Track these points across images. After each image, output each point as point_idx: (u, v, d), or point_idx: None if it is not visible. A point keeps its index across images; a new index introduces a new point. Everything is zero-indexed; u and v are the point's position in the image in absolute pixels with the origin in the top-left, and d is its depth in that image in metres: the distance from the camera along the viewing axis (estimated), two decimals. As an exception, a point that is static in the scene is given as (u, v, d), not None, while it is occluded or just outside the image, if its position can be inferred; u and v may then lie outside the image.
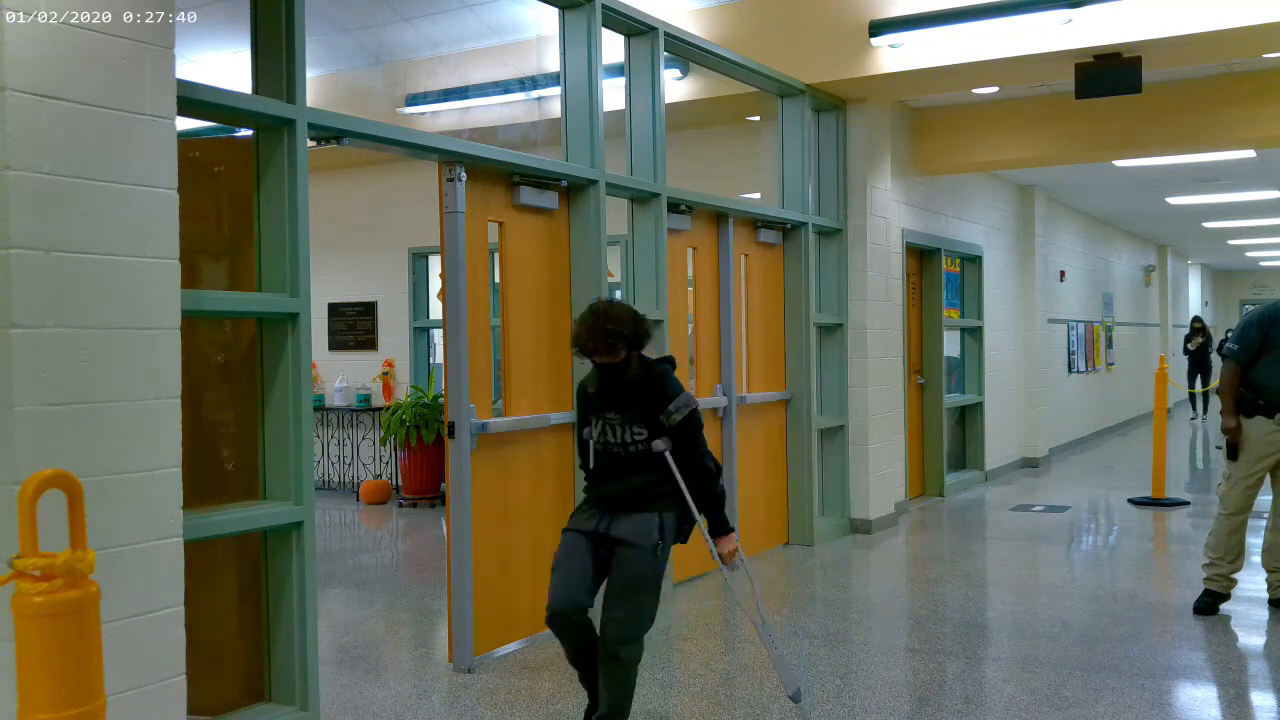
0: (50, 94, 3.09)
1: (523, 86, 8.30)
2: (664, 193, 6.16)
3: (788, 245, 7.71)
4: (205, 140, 4.44)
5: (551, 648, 5.27)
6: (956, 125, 9.51)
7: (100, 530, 3.08)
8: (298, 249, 4.02)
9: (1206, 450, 14.51)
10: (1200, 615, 5.70)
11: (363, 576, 7.32)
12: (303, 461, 4.02)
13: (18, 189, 3.02)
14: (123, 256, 3.28)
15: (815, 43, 7.37)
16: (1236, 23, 6.19)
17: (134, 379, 3.31)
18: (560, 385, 5.64)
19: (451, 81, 8.51)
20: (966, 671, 4.88)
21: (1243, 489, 5.62)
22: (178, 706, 3.44)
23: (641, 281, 6.20)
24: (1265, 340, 5.54)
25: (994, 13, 6.66)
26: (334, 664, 5.07)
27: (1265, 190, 13.33)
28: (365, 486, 10.31)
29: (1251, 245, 21.66)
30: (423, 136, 4.85)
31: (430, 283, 10.73)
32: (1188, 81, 8.51)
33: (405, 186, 10.16)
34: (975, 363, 11.09)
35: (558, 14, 5.65)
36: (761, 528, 7.46)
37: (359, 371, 11.00)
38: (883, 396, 8.43)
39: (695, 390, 6.90)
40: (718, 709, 4.39)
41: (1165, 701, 4.45)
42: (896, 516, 8.64)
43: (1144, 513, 9.15)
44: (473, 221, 5.07)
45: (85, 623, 2.57)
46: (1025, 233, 12.65)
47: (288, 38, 4.02)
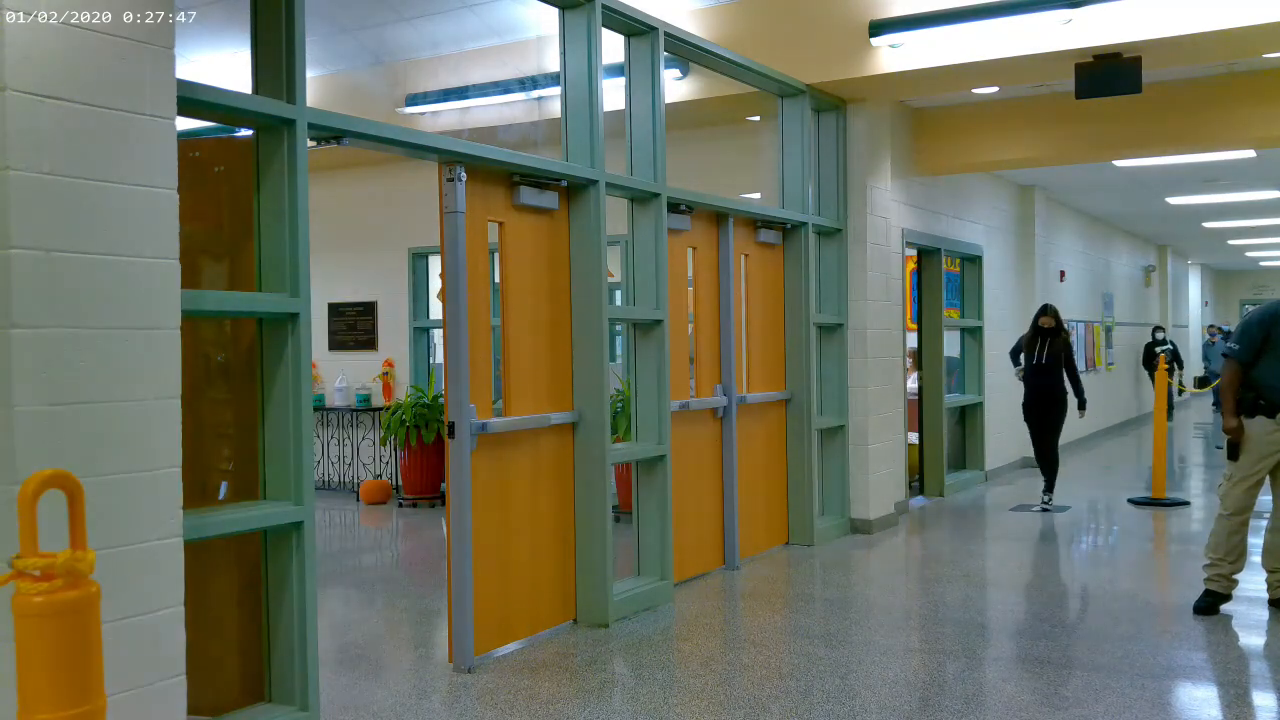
0: (50, 94, 3.09)
1: (523, 86, 8.30)
2: (664, 193, 6.16)
3: (788, 245, 7.71)
4: (205, 140, 4.44)
5: (551, 647, 5.27)
6: (956, 125, 9.51)
7: (100, 530, 3.08)
8: (298, 249, 4.02)
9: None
10: (1200, 615, 5.70)
11: (363, 576, 7.33)
12: (303, 461, 4.02)
13: (18, 189, 3.02)
14: (123, 256, 3.28)
15: (815, 43, 7.37)
16: (1236, 23, 6.19)
17: (134, 379, 3.31)
18: (560, 385, 5.64)
19: (451, 81, 8.51)
20: (966, 671, 4.88)
21: (1243, 489, 5.62)
22: (178, 706, 3.44)
23: (641, 281, 6.21)
24: (1266, 339, 5.55)
25: (994, 13, 6.66)
26: (334, 664, 5.07)
27: (1265, 190, 13.33)
28: (365, 486, 10.31)
29: (1251, 245, 21.67)
30: (423, 136, 4.85)
31: (430, 283, 10.73)
32: (1188, 81, 8.51)
33: (405, 186, 10.16)
34: (975, 363, 11.10)
35: (558, 14, 5.65)
36: (761, 528, 7.46)
37: (359, 371, 11.00)
38: (883, 396, 8.43)
39: (695, 390, 6.91)
40: (718, 709, 4.39)
41: (1165, 701, 4.45)
42: (896, 516, 8.64)
43: (1144, 513, 9.15)
44: (473, 221, 5.07)
45: (85, 623, 2.57)
46: (1025, 233, 12.65)
47: (288, 38, 4.02)
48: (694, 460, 6.72)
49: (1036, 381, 9.09)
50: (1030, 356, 9.15)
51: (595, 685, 4.73)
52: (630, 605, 5.82)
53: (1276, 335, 5.51)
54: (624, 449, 6.11)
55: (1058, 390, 9.04)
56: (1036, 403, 9.11)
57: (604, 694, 4.63)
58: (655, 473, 6.18)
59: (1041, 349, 9.05)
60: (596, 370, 5.63)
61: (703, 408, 6.82)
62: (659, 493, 6.18)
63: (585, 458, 5.65)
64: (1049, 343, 9.05)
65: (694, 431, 6.72)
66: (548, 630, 5.50)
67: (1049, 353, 9.02)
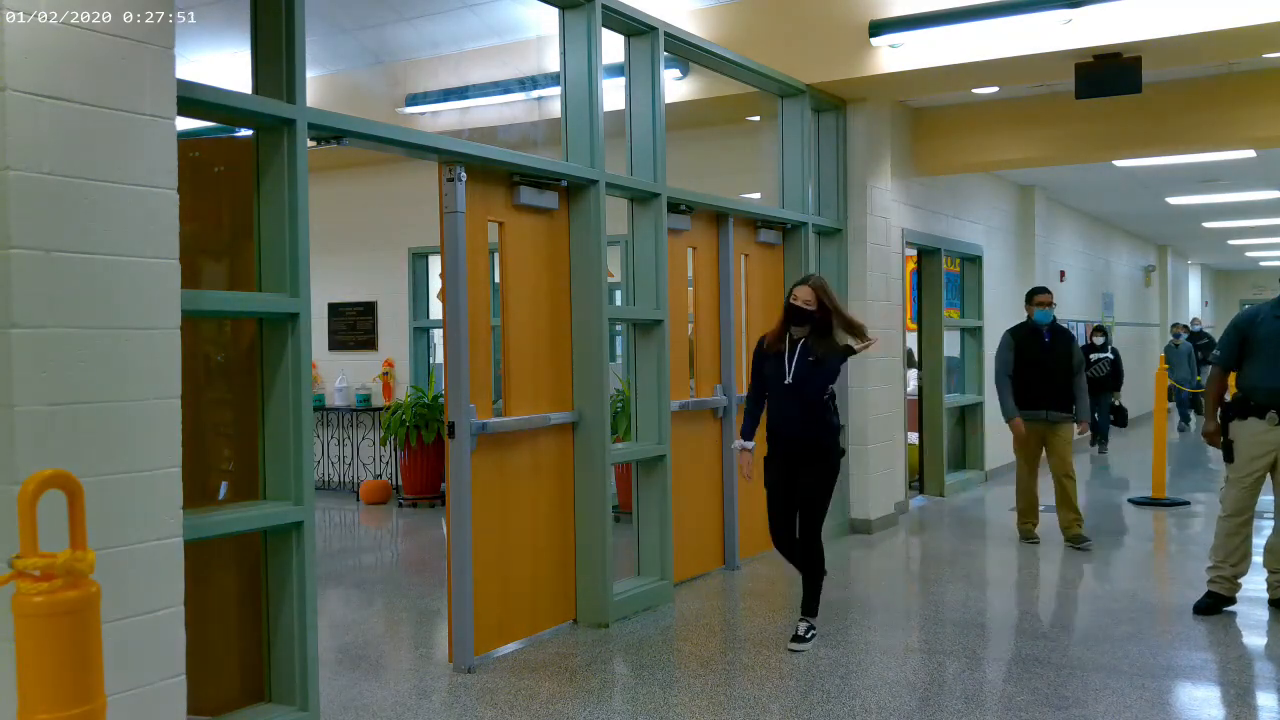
0: (50, 94, 3.09)
1: (523, 86, 8.30)
2: (664, 193, 6.16)
3: (788, 245, 7.71)
4: (205, 140, 4.44)
5: (551, 647, 5.27)
6: (956, 125, 9.51)
7: (100, 530, 3.08)
8: (298, 249, 4.02)
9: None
10: (1201, 615, 5.70)
11: (363, 576, 7.32)
12: (303, 461, 4.02)
13: (18, 189, 3.02)
14: (122, 256, 3.28)
15: (815, 43, 7.37)
16: (1236, 23, 6.19)
17: (134, 379, 3.31)
18: (560, 385, 5.64)
19: (451, 81, 8.51)
20: (966, 671, 4.88)
21: (1239, 490, 5.66)
22: (178, 706, 3.44)
23: (641, 281, 6.20)
24: (1244, 342, 5.67)
25: (994, 13, 6.66)
26: (334, 664, 5.07)
27: (1265, 190, 13.33)
28: (365, 486, 10.31)
29: (1251, 245, 21.68)
30: (423, 136, 4.85)
31: (430, 283, 10.73)
32: (1188, 81, 8.51)
33: (405, 186, 10.16)
34: (975, 363, 11.09)
35: (558, 14, 5.65)
36: (762, 528, 7.44)
37: (359, 371, 11.00)
38: (882, 396, 8.42)
39: (695, 390, 6.91)
40: (718, 709, 4.39)
41: (1165, 701, 4.45)
42: (896, 516, 8.64)
43: (1144, 513, 9.15)
44: (473, 221, 5.07)
45: (85, 623, 2.57)
46: (1025, 233, 12.65)
47: (288, 38, 4.02)
48: (694, 460, 6.72)
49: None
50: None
51: (595, 685, 4.73)
52: (630, 605, 5.82)
53: (1253, 338, 5.62)
54: (624, 449, 6.11)
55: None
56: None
57: (604, 694, 4.63)
58: (655, 473, 6.18)
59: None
60: (596, 370, 5.63)
61: (702, 408, 6.82)
62: (659, 493, 6.18)
63: (585, 458, 5.64)
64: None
65: (694, 431, 6.72)
66: (548, 630, 5.50)
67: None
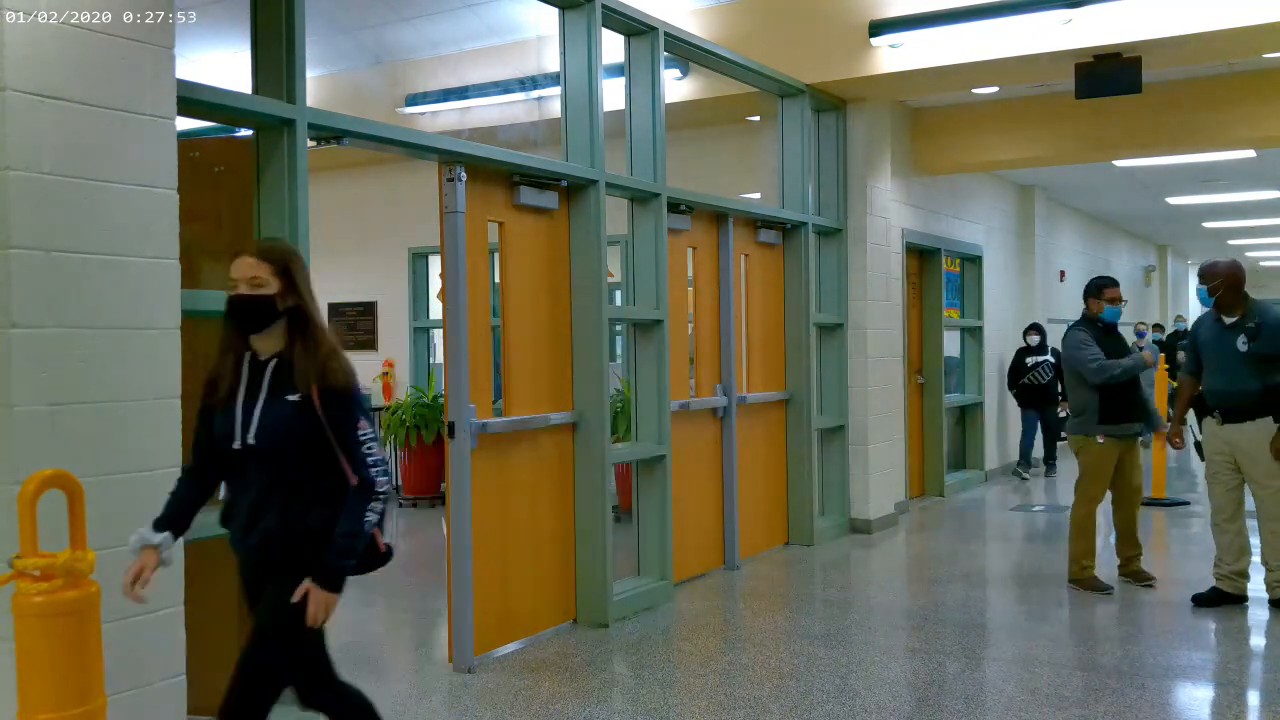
0: (50, 94, 3.09)
1: (523, 86, 8.30)
2: (664, 193, 6.16)
3: (788, 245, 7.71)
4: (205, 140, 4.44)
5: (551, 647, 5.27)
6: (956, 125, 9.51)
7: (100, 530, 3.08)
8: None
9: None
10: (1199, 606, 5.74)
11: (362, 576, 7.31)
12: (303, 461, 4.01)
13: (18, 189, 3.02)
14: (123, 256, 3.28)
15: (815, 43, 7.36)
16: (1236, 23, 6.19)
17: (134, 379, 3.31)
18: (560, 385, 5.63)
19: (451, 81, 8.51)
20: (966, 671, 4.88)
21: (1212, 486, 5.87)
22: (178, 706, 3.44)
23: (641, 281, 6.20)
24: (1193, 349, 6.01)
25: (994, 13, 6.66)
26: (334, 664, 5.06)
27: (1265, 190, 13.32)
28: (365, 486, 10.29)
29: (1251, 245, 21.66)
30: (423, 136, 4.85)
31: (430, 283, 10.73)
32: (1188, 81, 8.50)
33: (405, 186, 10.16)
34: (975, 363, 11.09)
35: (558, 14, 5.65)
36: (761, 528, 7.46)
37: (359, 371, 10.93)
38: (882, 396, 8.43)
39: (695, 390, 6.91)
40: (718, 709, 4.39)
41: (1165, 701, 4.45)
42: (896, 516, 8.64)
43: (1143, 513, 9.12)
44: (473, 221, 5.07)
45: (85, 623, 2.57)
46: (1025, 233, 12.64)
47: (288, 38, 4.02)
48: (694, 460, 6.72)
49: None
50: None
51: (595, 685, 4.73)
52: (630, 605, 5.82)
53: (1199, 343, 5.94)
54: (624, 449, 6.11)
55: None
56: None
57: (604, 694, 4.63)
58: (655, 473, 6.18)
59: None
60: (596, 370, 5.63)
61: (703, 408, 6.82)
62: (659, 493, 6.18)
63: (585, 458, 5.64)
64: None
65: (694, 431, 6.72)
66: (548, 630, 5.50)
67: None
